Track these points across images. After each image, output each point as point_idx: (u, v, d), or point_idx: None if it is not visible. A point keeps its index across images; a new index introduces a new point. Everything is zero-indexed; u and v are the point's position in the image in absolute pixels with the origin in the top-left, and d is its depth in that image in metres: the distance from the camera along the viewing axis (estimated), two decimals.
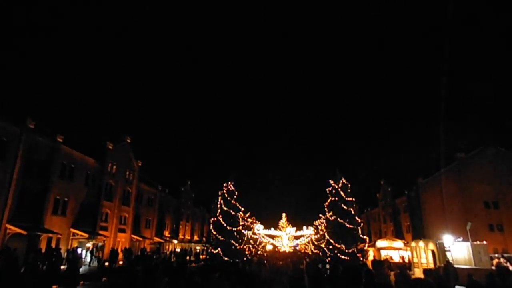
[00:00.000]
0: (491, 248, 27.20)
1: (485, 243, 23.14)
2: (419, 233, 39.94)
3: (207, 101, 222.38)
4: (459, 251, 21.93)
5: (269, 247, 65.64)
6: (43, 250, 23.03)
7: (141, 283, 8.24)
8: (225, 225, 33.54)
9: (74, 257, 22.46)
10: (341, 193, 34.23)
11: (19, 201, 23.10)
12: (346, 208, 33.46)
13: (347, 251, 31.60)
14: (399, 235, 45.54)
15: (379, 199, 57.46)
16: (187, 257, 36.36)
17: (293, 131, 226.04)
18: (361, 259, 30.86)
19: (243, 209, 37.75)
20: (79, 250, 27.76)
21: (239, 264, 15.88)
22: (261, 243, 61.75)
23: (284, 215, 68.37)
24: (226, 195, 35.29)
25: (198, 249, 56.02)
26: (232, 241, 33.29)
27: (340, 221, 32.88)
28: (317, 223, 56.61)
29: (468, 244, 21.74)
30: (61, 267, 17.13)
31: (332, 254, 32.00)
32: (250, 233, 47.40)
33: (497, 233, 34.58)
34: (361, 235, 33.96)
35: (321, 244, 38.34)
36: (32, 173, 24.37)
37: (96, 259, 29.28)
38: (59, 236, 26.39)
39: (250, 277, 8.71)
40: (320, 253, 36.01)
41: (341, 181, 34.97)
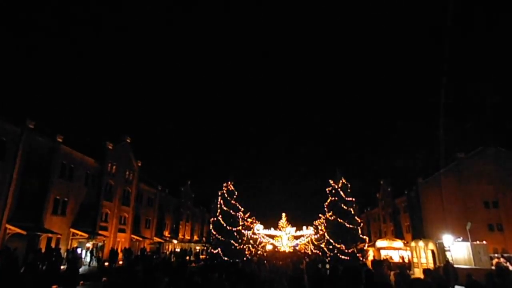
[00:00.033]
0: (491, 248, 27.18)
1: (485, 243, 23.15)
2: (419, 233, 39.97)
3: (207, 101, 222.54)
4: (459, 251, 21.94)
5: (269, 247, 65.63)
6: (43, 250, 23.01)
7: (141, 283, 8.23)
8: (225, 225, 33.53)
9: (74, 257, 22.44)
10: (341, 193, 34.24)
11: (19, 201, 23.10)
12: (346, 208, 33.46)
13: (347, 251, 31.61)
14: (399, 235, 45.59)
15: (379, 199, 57.51)
16: (187, 257, 36.36)
17: (293, 131, 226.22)
18: (361, 259, 30.86)
19: (243, 209, 37.74)
20: (79, 250, 27.79)
21: (239, 264, 15.87)
22: (261, 243, 61.72)
23: (284, 215, 68.49)
24: (226, 195, 35.27)
25: (198, 249, 56.04)
26: (232, 241, 33.28)
27: (340, 221, 32.88)
28: (317, 223, 56.61)
29: (468, 244, 21.75)
30: (61, 267, 17.10)
31: (332, 254, 31.99)
32: (250, 233, 47.38)
33: (497, 233, 34.59)
34: (361, 235, 33.97)
35: (321, 244, 38.32)
36: (32, 173, 24.35)
37: (95, 259, 29.28)
38: (59, 236, 26.40)
39: (250, 277, 8.70)
40: (320, 253, 36.00)
41: (341, 181, 34.97)
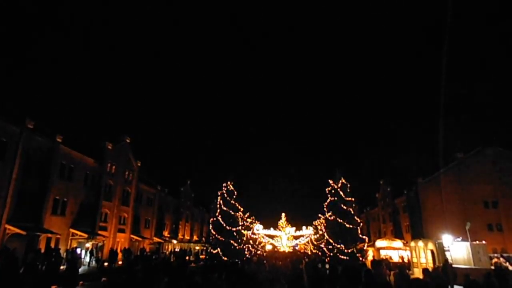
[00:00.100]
0: (490, 248, 27.22)
1: (484, 243, 23.20)
2: (419, 233, 40.00)
3: (207, 101, 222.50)
4: (458, 251, 22.00)
5: (268, 247, 65.60)
6: (42, 250, 22.98)
7: (140, 284, 8.22)
8: (225, 225, 33.52)
9: (73, 257, 22.44)
10: (341, 193, 34.24)
11: (18, 201, 23.08)
12: (345, 208, 33.47)
13: (346, 251, 31.61)
14: (398, 235, 45.62)
15: (378, 199, 57.53)
16: (187, 257, 36.36)
17: (293, 131, 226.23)
18: (361, 259, 30.86)
19: (242, 209, 37.72)
20: (79, 250, 27.77)
21: (239, 264, 15.86)
22: (260, 243, 61.68)
23: (283, 215, 68.44)
24: (225, 195, 35.26)
25: (197, 249, 56.03)
26: (231, 241, 33.26)
27: (339, 221, 32.88)
28: (316, 223, 56.57)
29: (467, 244, 21.80)
30: (61, 267, 17.11)
31: (331, 254, 32.00)
32: (249, 233, 47.36)
33: (496, 233, 34.61)
34: (360, 235, 33.96)
35: (321, 244, 38.32)
36: (31, 173, 24.34)
37: (95, 259, 29.27)
38: (58, 236, 26.38)
39: (249, 277, 8.70)
40: (319, 253, 36.01)
41: (340, 181, 34.98)
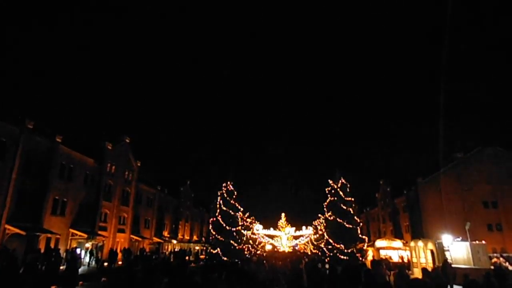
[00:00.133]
0: (490, 247, 27.24)
1: (484, 242, 23.23)
2: (418, 233, 40.01)
3: (206, 101, 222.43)
4: (458, 250, 22.01)
5: (268, 247, 65.63)
6: (42, 250, 22.97)
7: (140, 284, 8.22)
8: (224, 225, 33.49)
9: (73, 258, 22.31)
10: (340, 193, 34.23)
11: (18, 201, 23.07)
12: (345, 208, 33.46)
13: (346, 251, 31.59)
14: (398, 235, 45.63)
15: (378, 199, 57.53)
16: (186, 257, 36.33)
17: (293, 131, 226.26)
18: (360, 259, 30.86)
19: (242, 209, 37.69)
20: (78, 250, 27.73)
21: (238, 264, 15.86)
22: (260, 243, 61.71)
23: (283, 215, 68.55)
24: (225, 195, 35.23)
25: (197, 249, 56.01)
26: (231, 241, 33.23)
27: (339, 221, 32.86)
28: (316, 223, 56.62)
29: (467, 243, 21.81)
30: (60, 268, 17.13)
31: (331, 254, 31.99)
32: (249, 233, 47.37)
33: (496, 233, 34.64)
34: (360, 235, 33.97)
35: (320, 244, 38.33)
36: (31, 173, 24.31)
37: (95, 259, 29.24)
38: (58, 236, 26.36)
39: (249, 277, 8.70)
40: (319, 253, 36.01)
41: (340, 181, 34.97)
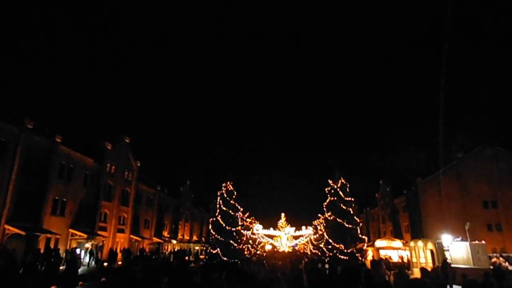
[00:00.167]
0: (490, 247, 27.24)
1: (483, 242, 23.25)
2: (418, 232, 40.05)
3: (206, 101, 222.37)
4: (458, 250, 22.03)
5: (268, 247, 65.61)
6: (42, 250, 22.98)
7: (140, 284, 8.21)
8: (224, 225, 33.46)
9: (72, 258, 22.42)
10: (340, 193, 34.19)
11: (18, 201, 23.06)
12: (345, 208, 33.44)
13: (346, 251, 31.57)
14: (398, 235, 45.66)
15: (378, 199, 57.59)
16: (186, 257, 36.34)
17: (293, 131, 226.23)
18: (360, 259, 30.85)
19: (242, 209, 37.66)
20: (78, 250, 27.76)
21: (238, 264, 15.86)
22: (260, 243, 61.69)
23: (283, 215, 68.50)
24: (225, 195, 35.20)
25: (197, 249, 56.02)
26: (231, 241, 33.21)
27: (339, 221, 32.84)
28: (316, 223, 56.56)
29: (466, 243, 21.82)
30: (60, 268, 17.11)
31: (331, 254, 31.98)
32: (249, 233, 47.35)
33: (495, 233, 34.64)
34: (360, 235, 33.92)
35: (320, 244, 38.29)
36: (30, 174, 24.31)
37: (94, 259, 29.24)
38: (58, 236, 26.36)
39: (249, 277, 8.69)
40: (319, 253, 36.00)
41: (340, 181, 34.94)
